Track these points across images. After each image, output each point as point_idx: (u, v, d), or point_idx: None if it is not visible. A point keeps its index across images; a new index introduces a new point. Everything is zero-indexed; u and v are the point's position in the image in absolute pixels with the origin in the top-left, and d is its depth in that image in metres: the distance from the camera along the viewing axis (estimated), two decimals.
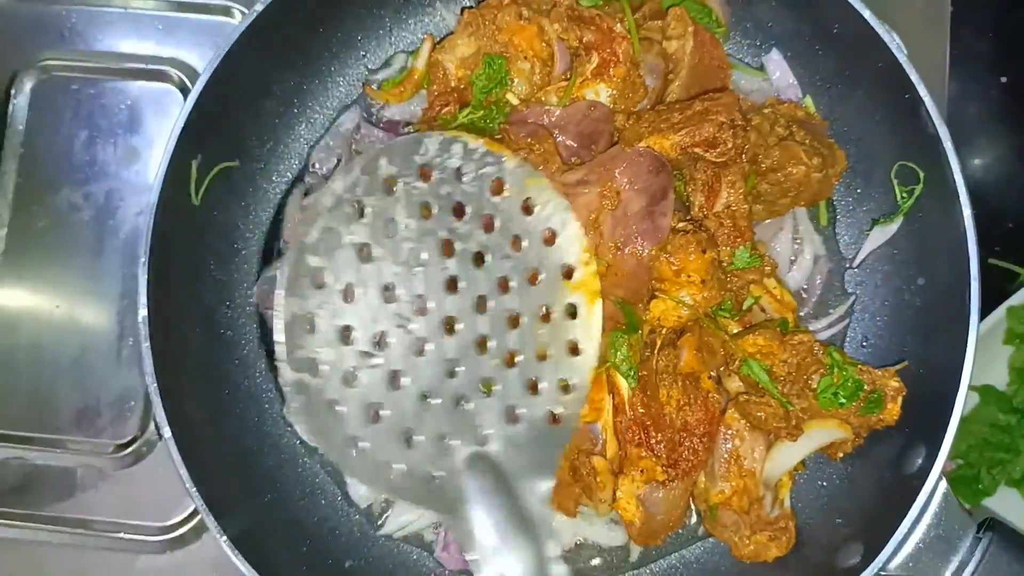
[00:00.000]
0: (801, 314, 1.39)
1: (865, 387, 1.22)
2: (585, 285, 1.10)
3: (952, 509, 1.18)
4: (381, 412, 1.04)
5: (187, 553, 1.48)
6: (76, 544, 1.50)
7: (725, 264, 1.26)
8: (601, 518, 1.35)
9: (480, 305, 1.07)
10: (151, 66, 1.58)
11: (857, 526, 1.27)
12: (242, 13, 1.41)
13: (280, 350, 1.00)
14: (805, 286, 1.40)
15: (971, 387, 1.52)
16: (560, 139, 1.27)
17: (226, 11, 1.57)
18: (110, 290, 1.54)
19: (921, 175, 1.28)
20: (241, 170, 1.38)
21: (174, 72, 1.57)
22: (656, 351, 1.24)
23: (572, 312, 1.10)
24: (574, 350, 1.10)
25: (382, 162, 1.04)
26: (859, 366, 1.24)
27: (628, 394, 1.23)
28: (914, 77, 1.23)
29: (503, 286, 1.08)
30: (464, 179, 1.07)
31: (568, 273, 1.10)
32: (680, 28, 1.33)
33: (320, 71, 1.43)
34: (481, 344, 1.07)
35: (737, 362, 1.25)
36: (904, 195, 1.32)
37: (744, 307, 1.29)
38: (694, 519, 1.38)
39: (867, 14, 1.24)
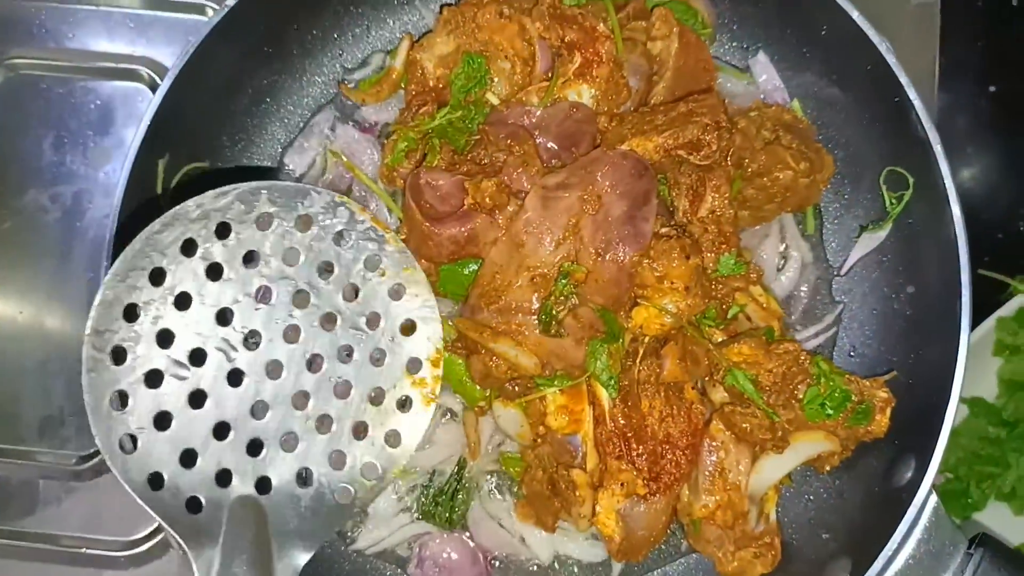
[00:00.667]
0: (789, 321, 1.36)
1: (853, 398, 1.19)
2: (426, 384, 1.08)
3: (943, 524, 1.15)
4: (172, 423, 1.02)
5: (152, 569, 1.44)
6: (39, 559, 1.45)
7: (709, 271, 1.22)
8: (581, 533, 1.30)
9: (313, 364, 1.05)
10: (122, 65, 1.54)
11: (845, 541, 1.24)
12: (215, 11, 1.37)
13: (89, 323, 0.98)
14: (792, 294, 1.37)
15: (960, 399, 1.50)
16: (541, 141, 1.23)
17: (199, 9, 1.54)
18: (76, 295, 1.49)
19: (910, 180, 1.25)
20: (210, 172, 1.33)
21: (145, 71, 1.54)
22: (638, 360, 1.20)
23: (404, 404, 1.08)
24: (393, 440, 1.08)
25: (263, 196, 1.03)
26: (847, 376, 1.20)
27: (609, 405, 1.19)
28: (903, 79, 1.20)
29: (343, 355, 1.06)
30: (342, 245, 1.06)
31: (414, 367, 1.08)
32: (665, 29, 1.30)
33: (295, 69, 1.39)
34: (300, 400, 1.05)
35: (722, 372, 1.21)
36: (893, 201, 1.29)
37: (729, 315, 1.25)
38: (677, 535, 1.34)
39: (855, 15, 1.22)
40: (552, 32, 1.25)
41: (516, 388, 1.22)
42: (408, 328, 1.08)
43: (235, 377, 1.03)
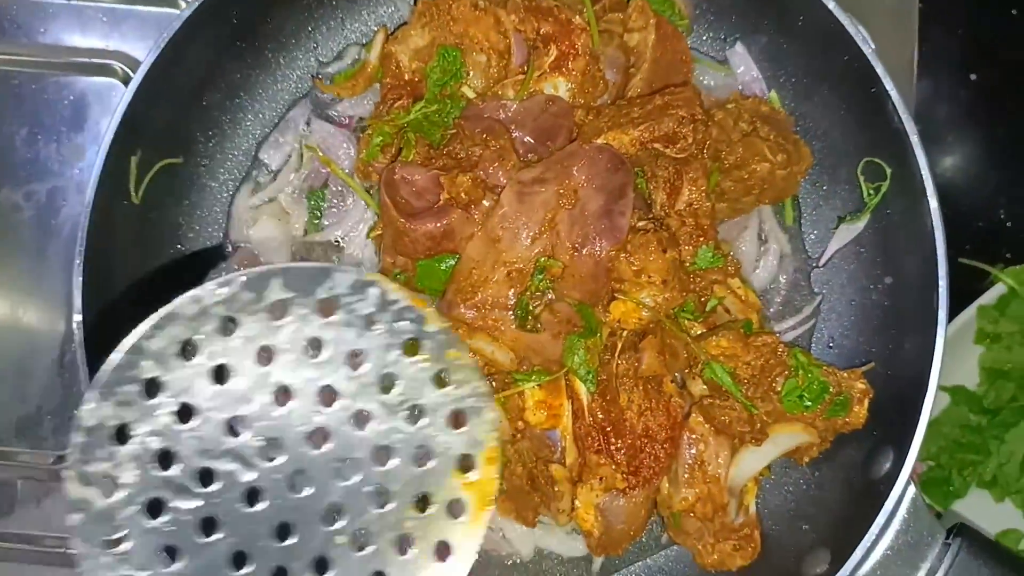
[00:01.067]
0: (768, 313, 1.36)
1: (831, 389, 1.19)
2: (481, 487, 0.92)
3: (921, 515, 1.15)
4: (180, 559, 0.86)
5: None
6: (18, 559, 1.43)
7: (687, 264, 1.22)
8: (562, 528, 1.30)
9: (345, 471, 0.90)
10: (95, 60, 1.52)
11: (824, 532, 1.24)
12: (187, 2, 1.35)
13: (71, 457, 0.82)
14: (771, 285, 1.37)
15: (941, 388, 1.50)
16: (517, 135, 1.22)
17: (172, 2, 1.51)
18: (52, 293, 1.48)
19: (888, 171, 1.25)
20: (185, 167, 1.32)
21: (119, 66, 1.52)
22: (616, 354, 1.20)
23: (455, 509, 0.91)
24: (443, 552, 0.91)
25: (274, 284, 0.86)
26: (824, 368, 1.20)
27: (587, 399, 1.19)
28: (880, 70, 1.19)
29: (380, 458, 0.90)
30: (373, 329, 0.89)
31: (465, 466, 0.92)
32: (642, 20, 1.29)
33: (269, 63, 1.38)
34: (330, 515, 0.90)
35: (700, 365, 1.21)
36: (871, 192, 1.29)
37: (707, 308, 1.25)
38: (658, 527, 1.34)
39: (832, 5, 1.21)
40: (527, 25, 1.24)
41: (494, 383, 1.22)
42: (456, 420, 0.91)
43: (252, 497, 0.87)
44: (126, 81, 1.50)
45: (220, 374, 0.86)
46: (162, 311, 0.84)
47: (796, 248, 1.38)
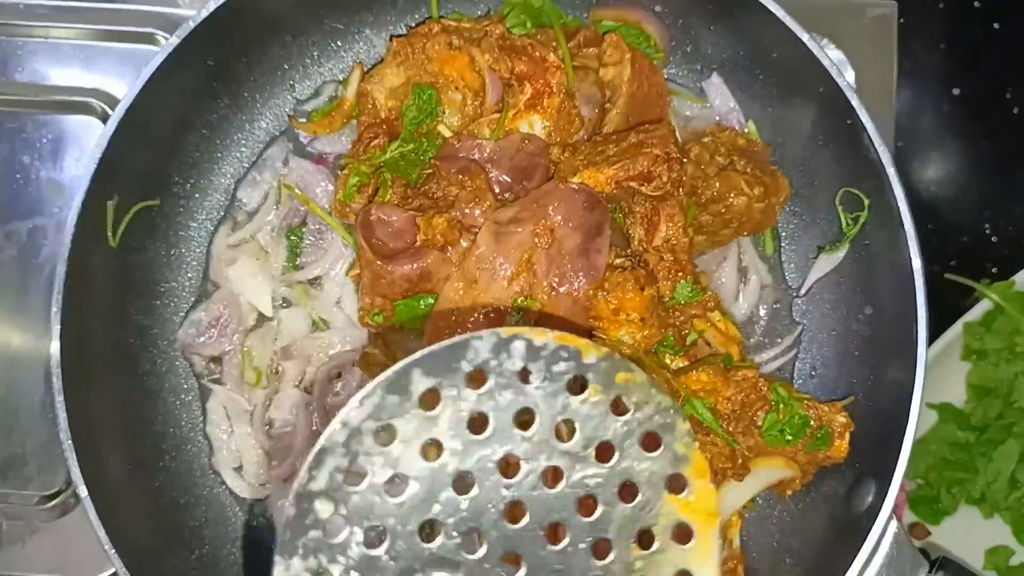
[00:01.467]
0: (749, 344, 1.35)
1: (812, 423, 1.19)
2: (700, 503, 0.85)
3: (904, 548, 1.15)
4: None
5: None
6: None
7: (666, 300, 1.22)
8: None
9: (552, 534, 0.83)
10: (74, 98, 1.51)
11: (808, 566, 1.24)
12: (165, 39, 1.35)
13: None
14: (751, 316, 1.37)
15: (929, 405, 1.51)
16: (493, 174, 1.22)
17: (150, 38, 1.50)
18: (34, 332, 1.46)
19: (866, 202, 1.25)
20: (162, 208, 1.32)
21: (97, 103, 1.50)
22: None
23: (682, 535, 0.85)
24: None
25: (416, 375, 0.82)
26: (805, 401, 1.20)
27: None
28: (855, 102, 1.19)
29: (585, 508, 0.84)
30: (531, 381, 0.84)
31: (677, 486, 0.86)
32: (617, 55, 1.29)
33: (245, 102, 1.37)
34: None
35: (680, 400, 1.21)
36: (849, 222, 1.29)
37: (687, 342, 1.25)
38: None
39: (805, 38, 1.20)
40: (502, 63, 1.24)
41: None
42: (650, 443, 0.85)
43: None
44: (104, 119, 1.49)
45: (395, 485, 0.82)
46: (315, 449, 0.81)
47: (776, 278, 1.37)
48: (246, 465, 1.34)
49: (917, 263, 1.15)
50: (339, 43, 1.39)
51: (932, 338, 1.44)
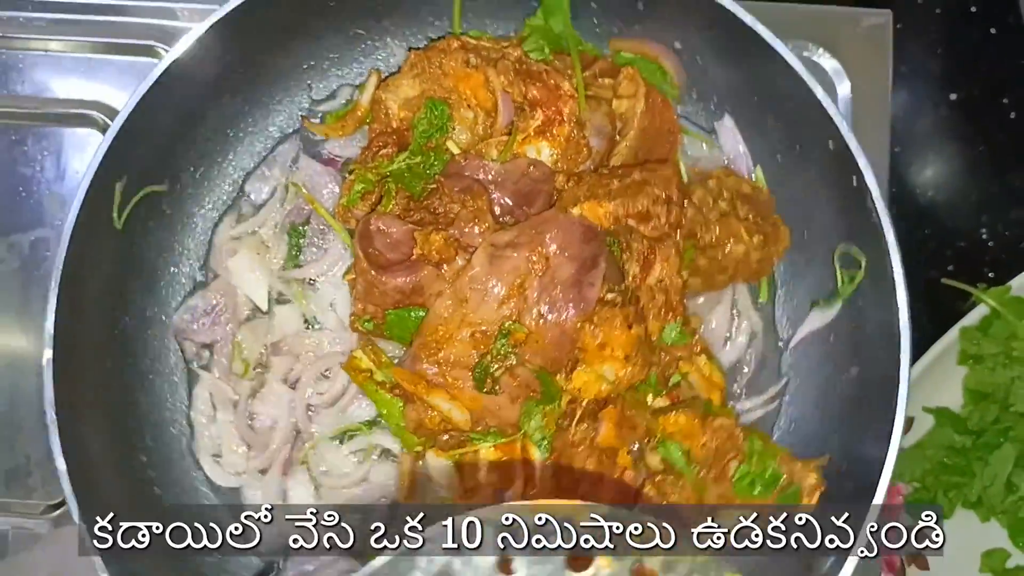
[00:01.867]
0: (733, 391, 1.35)
1: (783, 479, 1.19)
2: None
3: None
4: None
5: None
6: None
7: (654, 339, 1.22)
8: None
9: None
10: (74, 110, 1.51)
11: None
12: (165, 51, 1.33)
13: None
14: (738, 363, 1.36)
15: (926, 409, 1.51)
16: (496, 196, 1.23)
17: (149, 51, 1.49)
18: (37, 344, 1.42)
19: (863, 262, 1.24)
20: (169, 195, 1.33)
21: (98, 116, 1.50)
22: (574, 422, 1.21)
23: None
24: None
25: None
26: (779, 456, 1.20)
27: (540, 465, 1.20)
28: (862, 162, 1.19)
29: None
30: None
31: None
32: (631, 88, 1.29)
33: (261, 99, 1.38)
34: None
35: (655, 440, 1.21)
36: (845, 280, 1.28)
37: (671, 383, 1.25)
38: None
39: (819, 92, 1.20)
40: (516, 87, 1.25)
41: (450, 440, 1.23)
42: None
43: None
44: (105, 130, 1.47)
45: None
46: None
47: (767, 328, 1.37)
48: (225, 453, 1.36)
49: (905, 333, 1.15)
50: (360, 48, 1.40)
51: (929, 342, 1.47)
